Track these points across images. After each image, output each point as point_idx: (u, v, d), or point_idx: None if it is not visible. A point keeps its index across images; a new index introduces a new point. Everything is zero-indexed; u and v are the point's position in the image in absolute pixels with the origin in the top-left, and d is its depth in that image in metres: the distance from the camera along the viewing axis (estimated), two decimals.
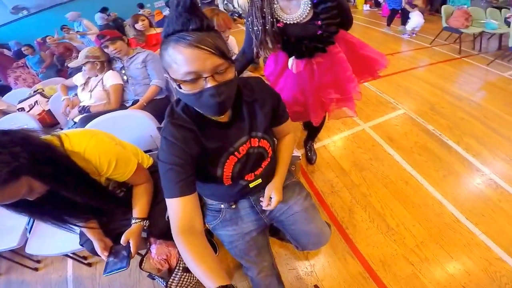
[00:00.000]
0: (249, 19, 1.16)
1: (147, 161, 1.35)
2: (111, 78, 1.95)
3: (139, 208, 1.10)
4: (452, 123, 2.43)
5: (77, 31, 5.07)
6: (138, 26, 2.91)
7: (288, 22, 1.16)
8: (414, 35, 4.95)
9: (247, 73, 1.74)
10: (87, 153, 0.89)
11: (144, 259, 1.31)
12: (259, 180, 0.98)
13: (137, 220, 1.08)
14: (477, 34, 4.22)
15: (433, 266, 1.44)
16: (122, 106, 2.01)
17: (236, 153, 0.86)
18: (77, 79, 2.03)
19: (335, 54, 1.29)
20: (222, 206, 1.05)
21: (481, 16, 4.34)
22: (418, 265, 1.44)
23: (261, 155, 0.93)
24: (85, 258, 1.66)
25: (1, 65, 3.99)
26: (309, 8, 1.13)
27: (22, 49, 4.62)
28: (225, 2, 2.74)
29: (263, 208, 1.00)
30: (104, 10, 6.53)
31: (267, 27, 1.14)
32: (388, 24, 5.47)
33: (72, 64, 1.97)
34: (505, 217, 1.65)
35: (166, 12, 6.99)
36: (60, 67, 4.57)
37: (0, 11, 7.00)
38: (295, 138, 1.11)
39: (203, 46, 0.61)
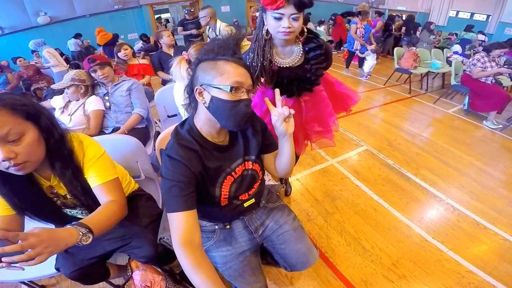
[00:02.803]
0: (250, 54, 1.27)
1: (134, 185, 1.35)
2: (93, 103, 1.93)
3: (94, 217, 0.86)
4: (408, 158, 2.70)
5: (35, 62, 4.82)
6: (121, 54, 2.97)
7: (281, 66, 1.29)
8: (370, 76, 5.32)
9: None
10: (83, 138, 0.98)
11: (125, 286, 1.25)
12: (252, 200, 1.07)
13: (77, 225, 0.77)
14: (424, 74, 4.72)
15: (412, 282, 1.54)
16: (101, 132, 1.98)
17: (233, 173, 0.96)
18: (56, 101, 1.97)
19: (318, 92, 1.43)
20: (216, 227, 1.09)
21: (427, 56, 4.86)
22: (398, 282, 1.54)
23: (253, 177, 1.03)
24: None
25: None
26: (301, 54, 1.27)
27: None
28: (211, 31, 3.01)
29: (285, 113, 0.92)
30: (77, 36, 6.49)
31: (264, 64, 1.25)
32: (347, 66, 5.61)
33: (55, 86, 1.92)
34: (466, 235, 1.85)
35: (139, 45, 7.05)
36: (24, 91, 4.37)
37: None
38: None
39: (247, 68, 0.86)
